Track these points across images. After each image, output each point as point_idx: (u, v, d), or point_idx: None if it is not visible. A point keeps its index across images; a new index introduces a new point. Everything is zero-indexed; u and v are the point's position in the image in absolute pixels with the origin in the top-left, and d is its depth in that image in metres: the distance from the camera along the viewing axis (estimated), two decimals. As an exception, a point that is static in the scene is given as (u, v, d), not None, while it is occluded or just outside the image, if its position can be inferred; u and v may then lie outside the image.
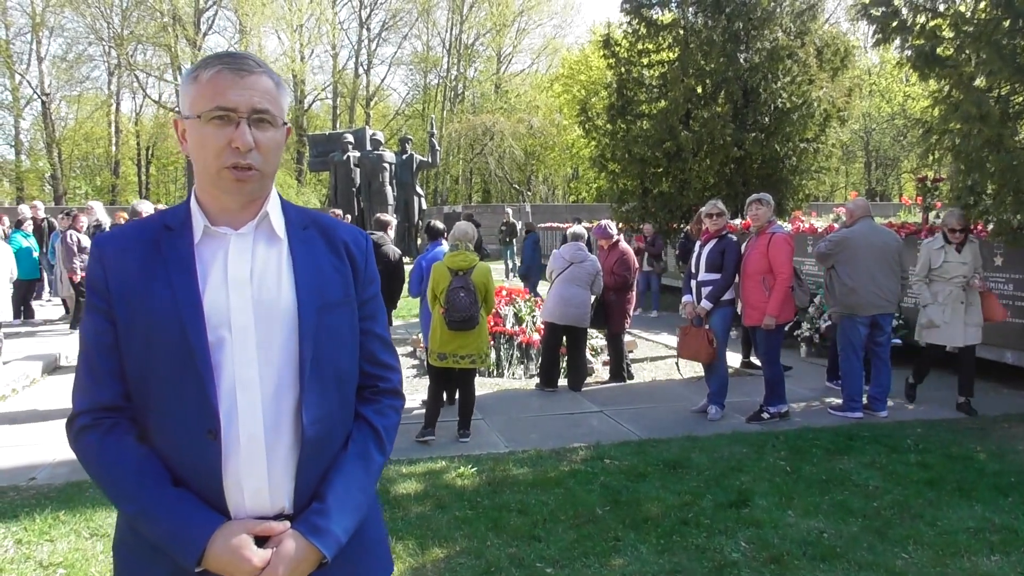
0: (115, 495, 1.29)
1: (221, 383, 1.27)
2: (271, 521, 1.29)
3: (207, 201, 1.34)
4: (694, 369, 6.96)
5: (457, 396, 5.56)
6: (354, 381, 1.44)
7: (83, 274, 9.75)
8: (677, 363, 6.44)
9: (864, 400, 5.98)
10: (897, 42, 7.11)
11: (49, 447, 5.15)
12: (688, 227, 9.56)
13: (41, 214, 12.92)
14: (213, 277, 1.30)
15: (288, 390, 1.32)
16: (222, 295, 1.29)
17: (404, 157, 20.13)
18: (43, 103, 34.86)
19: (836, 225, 9.05)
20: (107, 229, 10.73)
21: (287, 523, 1.30)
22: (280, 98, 1.34)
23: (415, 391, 6.64)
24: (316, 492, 1.34)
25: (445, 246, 6.15)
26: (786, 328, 5.95)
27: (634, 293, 7.35)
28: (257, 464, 1.29)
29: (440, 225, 6.64)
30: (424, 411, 5.42)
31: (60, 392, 6.85)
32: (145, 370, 1.29)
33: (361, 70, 42.05)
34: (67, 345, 8.79)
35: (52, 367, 7.92)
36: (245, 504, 1.29)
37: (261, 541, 1.27)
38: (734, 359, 7.65)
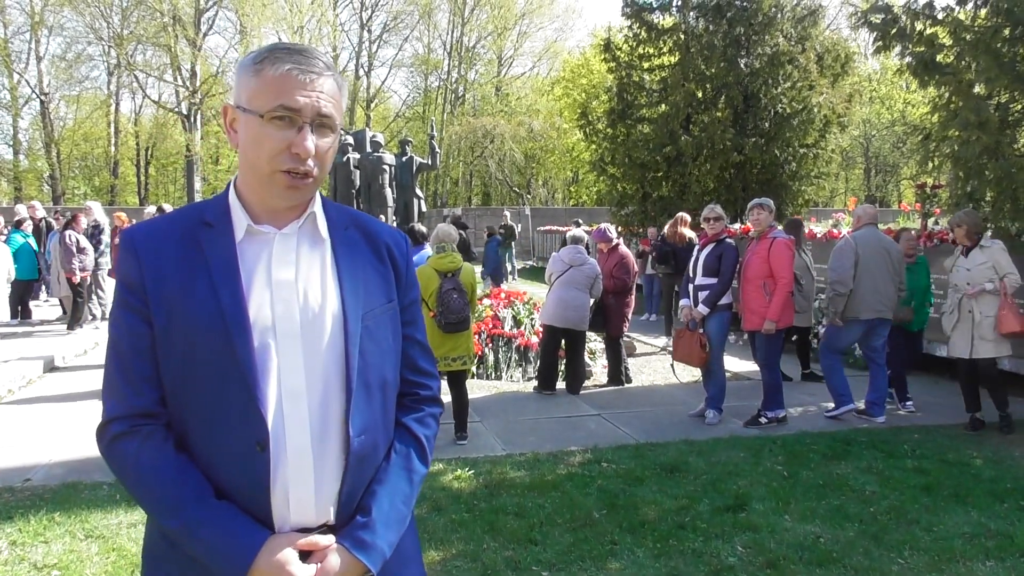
0: (154, 508, 1.23)
1: (268, 392, 1.22)
2: (316, 535, 1.25)
3: (251, 198, 1.28)
4: (692, 373, 6.96)
5: (451, 400, 5.53)
6: (396, 389, 1.39)
7: (82, 275, 9.76)
8: (672, 366, 6.44)
9: (862, 405, 6.01)
10: (897, 49, 7.15)
11: (45, 448, 5.14)
12: (664, 231, 9.68)
13: (39, 214, 12.92)
14: (257, 280, 1.25)
15: (335, 399, 1.27)
16: (266, 299, 1.24)
17: (404, 159, 20.14)
18: (42, 103, 34.81)
19: (836, 231, 9.08)
20: (105, 229, 10.73)
21: (331, 537, 1.26)
22: (342, 100, 1.29)
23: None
24: (360, 504, 1.30)
25: (428, 250, 6.18)
26: (784, 333, 5.96)
27: (633, 297, 7.35)
28: (305, 476, 1.24)
29: (423, 229, 6.63)
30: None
31: (56, 393, 6.84)
32: (185, 376, 1.23)
33: (362, 72, 42.09)
34: (64, 346, 8.78)
35: (49, 368, 7.91)
36: (290, 516, 1.25)
37: (304, 555, 1.24)
38: (732, 363, 7.66)
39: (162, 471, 1.21)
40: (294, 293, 1.26)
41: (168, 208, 9.67)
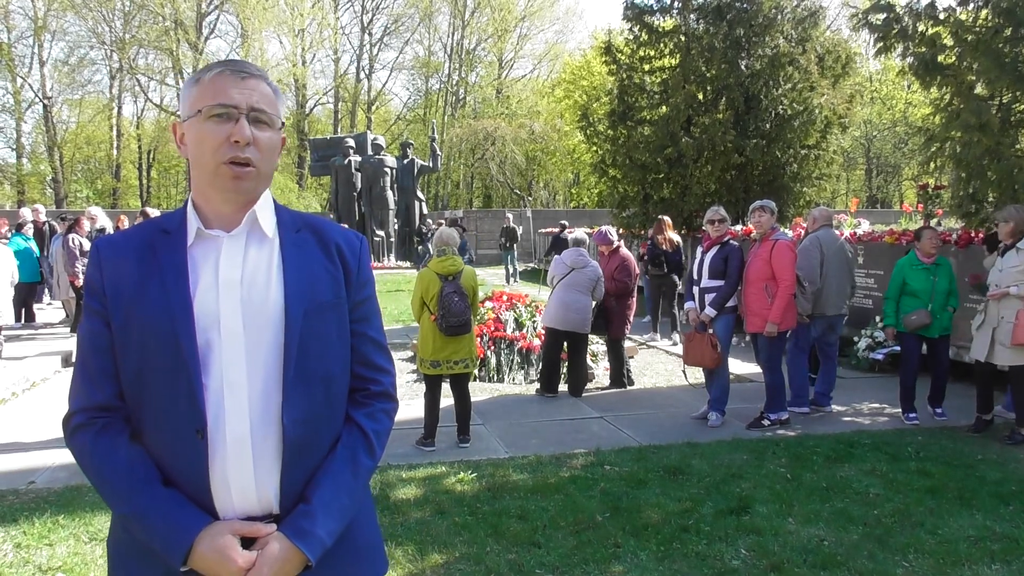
0: (107, 494, 1.32)
1: (210, 384, 1.29)
2: (257, 522, 1.31)
3: (202, 204, 1.37)
4: (695, 375, 6.95)
5: (454, 403, 5.52)
6: (344, 383, 1.44)
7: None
8: (684, 370, 6.42)
9: (811, 396, 6.23)
10: (898, 50, 7.14)
11: (48, 451, 5.14)
12: (651, 233, 10.06)
13: (42, 217, 12.95)
14: (204, 279, 1.32)
15: (275, 391, 1.33)
16: (212, 297, 1.31)
17: (405, 162, 20.14)
18: (45, 107, 34.93)
19: (839, 231, 9.08)
20: (109, 232, 10.75)
21: (273, 525, 1.31)
22: (277, 103, 1.38)
23: (416, 396, 6.62)
24: (303, 494, 1.35)
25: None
26: (787, 335, 5.96)
27: (634, 299, 7.35)
28: (244, 464, 1.30)
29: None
30: (424, 418, 5.39)
31: (60, 396, 6.84)
32: (139, 371, 1.31)
33: (363, 75, 42.18)
34: (68, 348, 8.79)
35: (54, 370, 7.91)
36: (233, 504, 1.31)
37: (248, 542, 1.29)
38: (735, 365, 7.63)
39: (115, 460, 1.30)
40: (238, 291, 1.33)
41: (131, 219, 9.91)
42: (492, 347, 7.71)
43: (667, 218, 10.21)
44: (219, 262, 1.33)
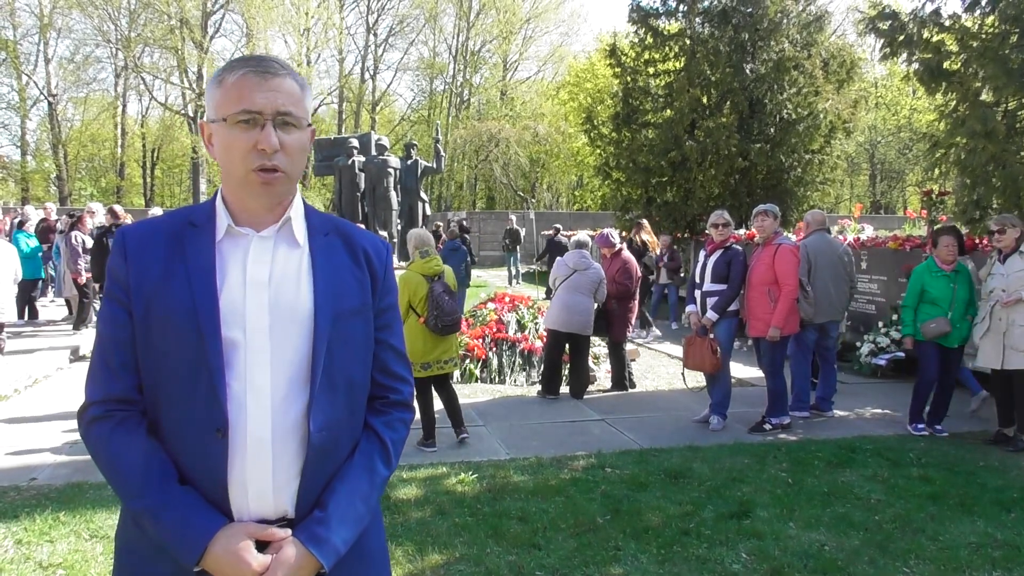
0: (121, 489, 1.29)
1: (232, 383, 1.27)
2: (273, 527, 1.29)
3: (233, 201, 1.35)
4: (697, 379, 6.95)
5: (443, 403, 5.45)
6: (365, 390, 1.43)
7: (87, 275, 9.79)
8: (683, 373, 6.42)
9: (812, 400, 6.23)
10: (904, 55, 7.14)
11: (50, 448, 5.15)
12: (637, 237, 10.30)
13: (53, 216, 13.02)
14: (232, 277, 1.31)
15: (298, 394, 1.31)
16: (239, 295, 1.29)
17: (409, 162, 20.14)
18: (50, 104, 35.01)
19: (842, 236, 9.08)
20: (113, 230, 10.76)
21: (288, 530, 1.30)
22: (304, 100, 1.34)
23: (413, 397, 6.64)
24: (319, 500, 1.33)
25: None
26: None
27: (636, 302, 7.34)
28: (262, 466, 1.29)
29: None
30: (421, 419, 5.36)
31: (62, 392, 6.86)
32: (159, 365, 1.29)
33: (367, 75, 42.22)
34: (70, 345, 8.80)
35: (56, 367, 7.92)
36: (248, 506, 1.29)
37: (262, 546, 1.27)
38: (737, 369, 7.63)
39: (131, 455, 1.27)
40: (266, 291, 1.31)
41: (121, 210, 10.04)
42: (494, 348, 7.71)
43: (645, 221, 10.74)
44: (247, 260, 1.32)
